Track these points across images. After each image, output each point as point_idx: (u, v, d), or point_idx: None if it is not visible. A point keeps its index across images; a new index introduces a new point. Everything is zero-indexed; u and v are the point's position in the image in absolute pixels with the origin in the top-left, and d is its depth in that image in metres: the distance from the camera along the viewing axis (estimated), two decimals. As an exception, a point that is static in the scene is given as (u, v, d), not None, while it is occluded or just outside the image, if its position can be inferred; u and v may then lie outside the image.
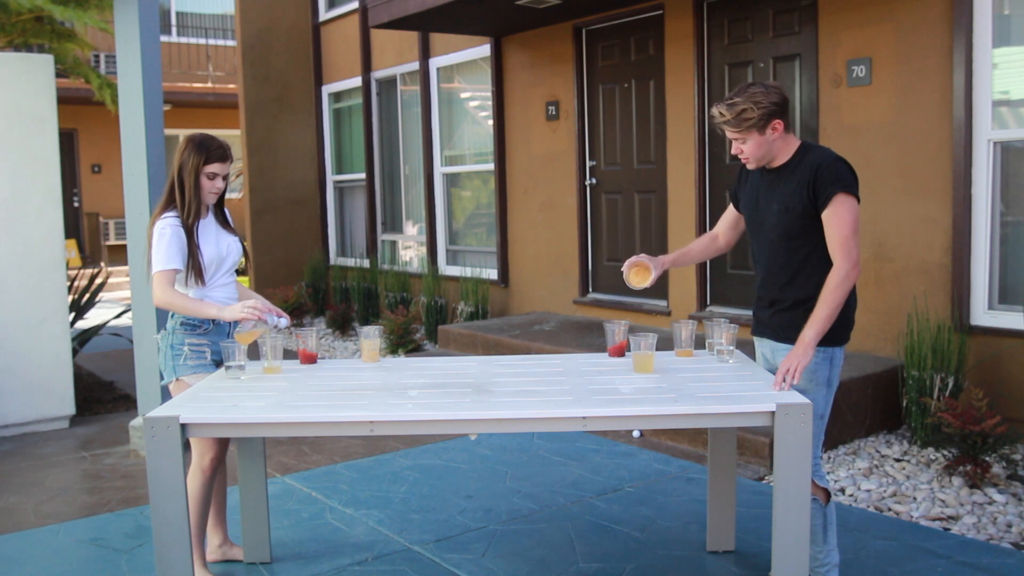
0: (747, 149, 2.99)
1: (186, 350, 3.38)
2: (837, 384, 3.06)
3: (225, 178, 3.43)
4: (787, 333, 3.02)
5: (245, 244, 3.66)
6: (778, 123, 2.95)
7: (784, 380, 2.83)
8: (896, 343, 5.36)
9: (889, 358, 5.39)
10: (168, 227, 3.31)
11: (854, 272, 2.86)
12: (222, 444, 3.45)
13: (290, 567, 3.61)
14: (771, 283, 3.10)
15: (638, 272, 3.28)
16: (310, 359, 3.52)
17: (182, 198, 3.35)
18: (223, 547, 3.67)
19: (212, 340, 3.44)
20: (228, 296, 3.50)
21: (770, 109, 2.92)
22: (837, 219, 2.88)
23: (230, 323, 3.48)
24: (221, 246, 3.46)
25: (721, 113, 2.97)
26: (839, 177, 2.89)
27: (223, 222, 3.54)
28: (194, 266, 3.34)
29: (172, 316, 3.40)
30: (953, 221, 5.13)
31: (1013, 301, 5.02)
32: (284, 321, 3.31)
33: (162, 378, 3.47)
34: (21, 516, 4.31)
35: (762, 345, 3.22)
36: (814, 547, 3.03)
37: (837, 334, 2.97)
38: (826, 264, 2.94)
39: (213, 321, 3.41)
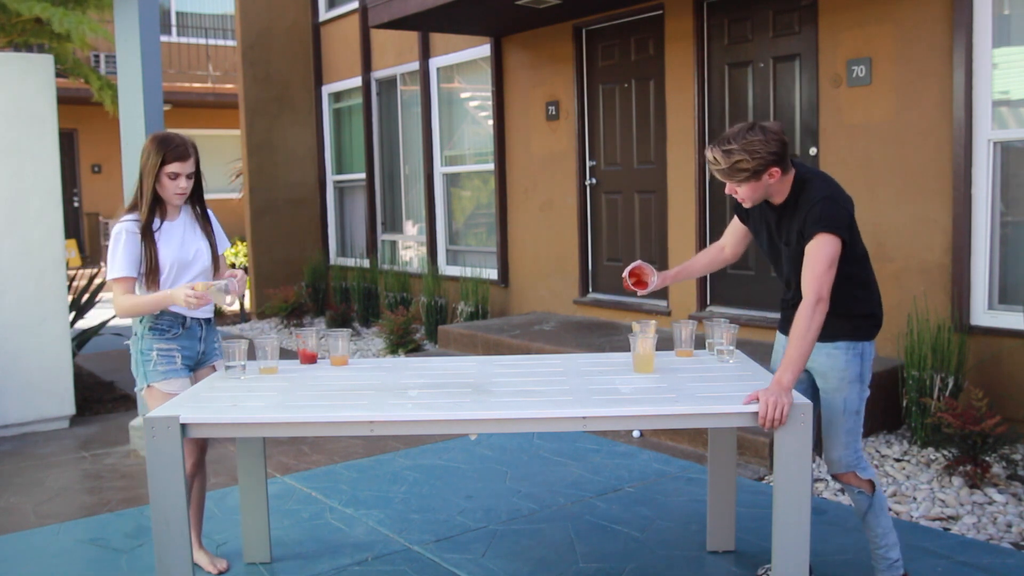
0: (742, 192, 2.94)
1: (155, 355, 3.31)
2: (870, 377, 3.04)
3: (189, 177, 3.31)
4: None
5: (232, 248, 3.59)
6: (775, 171, 2.88)
7: (768, 420, 2.64)
8: (896, 343, 5.35)
9: (889, 358, 5.39)
10: (123, 231, 3.23)
11: (821, 306, 2.80)
12: (200, 451, 3.43)
13: (290, 567, 3.61)
14: (797, 289, 3.05)
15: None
16: (310, 359, 3.52)
17: (140, 198, 3.28)
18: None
19: (183, 344, 3.36)
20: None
21: (767, 160, 2.84)
22: (812, 255, 2.84)
23: (202, 326, 3.43)
24: (187, 249, 3.35)
25: (716, 160, 2.88)
26: (820, 218, 2.84)
27: (203, 224, 3.44)
28: (148, 270, 3.25)
29: (141, 321, 3.32)
30: (953, 221, 5.13)
31: (1013, 301, 5.02)
32: (224, 283, 3.19)
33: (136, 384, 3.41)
34: (21, 516, 4.31)
35: (784, 342, 3.18)
36: (868, 532, 3.13)
37: (863, 330, 2.98)
38: (850, 277, 2.93)
39: (183, 325, 3.34)
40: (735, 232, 3.36)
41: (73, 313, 6.84)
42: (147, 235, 3.27)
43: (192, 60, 17.89)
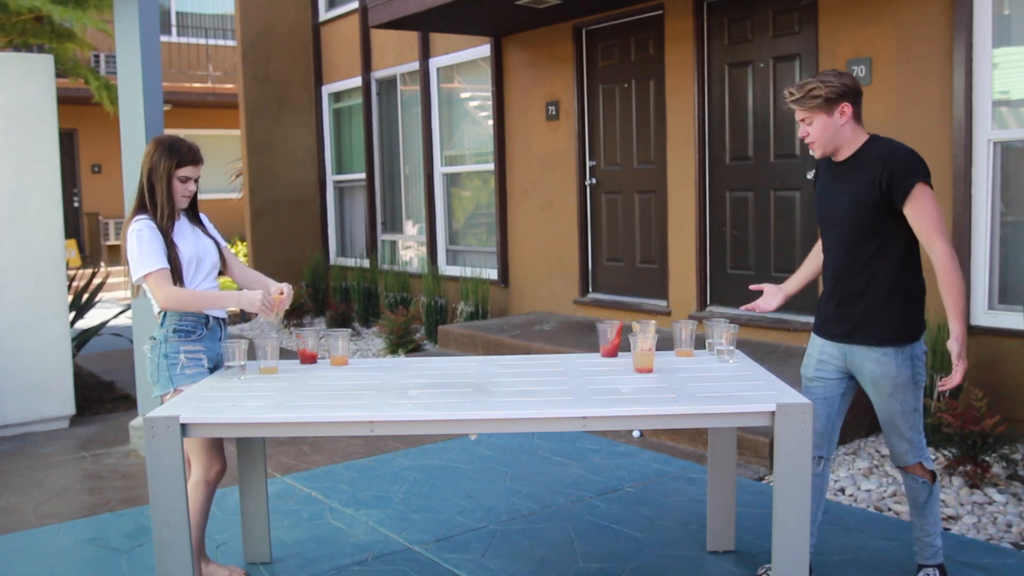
0: (813, 131, 2.97)
1: (182, 358, 3.26)
2: (924, 378, 3.06)
3: (196, 181, 3.35)
4: (859, 333, 3.00)
5: (224, 246, 3.58)
6: (847, 107, 2.93)
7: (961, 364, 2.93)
8: (896, 343, 5.35)
9: (889, 358, 5.38)
10: (144, 228, 3.22)
11: (951, 252, 2.87)
12: (223, 453, 3.42)
13: (290, 567, 3.61)
14: (841, 275, 3.05)
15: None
16: (310, 359, 3.51)
17: (153, 202, 3.26)
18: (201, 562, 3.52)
19: (207, 346, 3.33)
20: None
21: (840, 90, 2.90)
22: (922, 208, 2.87)
23: (221, 326, 3.43)
24: (199, 247, 3.37)
25: (791, 92, 2.97)
26: (915, 169, 2.87)
27: (198, 225, 3.45)
28: (172, 268, 3.25)
29: (162, 324, 3.28)
30: (953, 221, 5.13)
31: (1013, 301, 5.02)
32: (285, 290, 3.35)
33: (155, 389, 3.33)
34: (21, 516, 4.31)
35: (827, 347, 3.12)
36: (920, 520, 3.16)
37: (908, 331, 3.00)
38: (896, 261, 2.95)
39: (206, 325, 3.33)
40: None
41: (73, 313, 6.84)
42: (167, 236, 3.27)
43: (192, 60, 17.88)
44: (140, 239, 3.20)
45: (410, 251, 10.05)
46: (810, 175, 3.36)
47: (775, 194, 6.18)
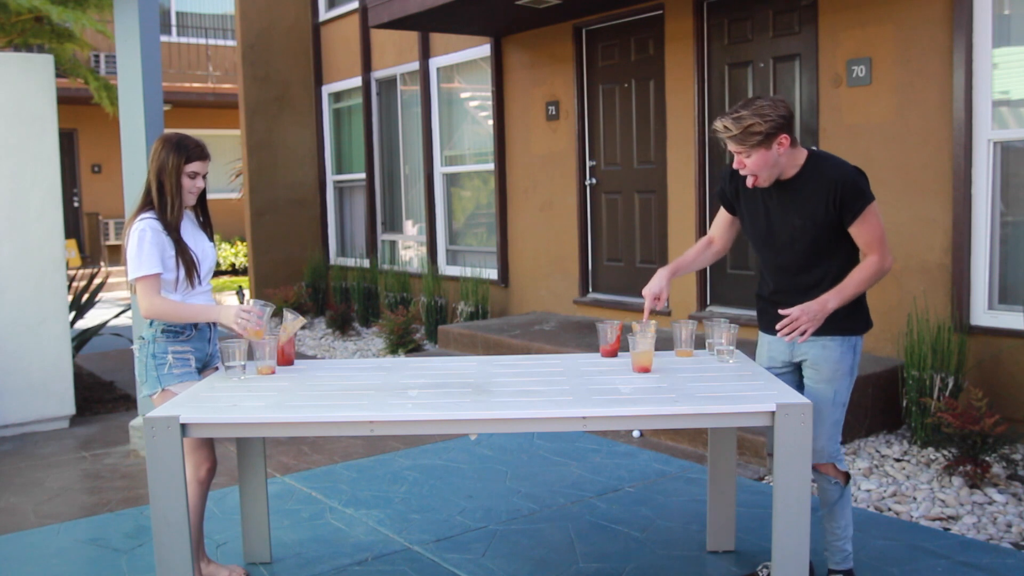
0: (750, 164, 2.94)
1: (170, 358, 3.26)
2: (857, 372, 3.12)
3: (205, 177, 3.35)
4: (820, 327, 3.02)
5: (232, 248, 3.60)
6: (784, 138, 2.90)
7: (792, 327, 2.93)
8: (896, 343, 5.36)
9: (889, 358, 5.39)
10: (148, 228, 3.20)
11: (887, 262, 2.95)
12: (214, 451, 3.42)
13: (290, 567, 3.61)
14: (788, 282, 3.10)
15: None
16: (286, 360, 3.48)
17: (161, 199, 3.24)
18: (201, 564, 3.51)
19: (195, 347, 3.34)
20: (207, 301, 3.40)
21: (777, 123, 2.87)
22: (870, 227, 2.95)
23: (211, 327, 3.42)
24: (199, 249, 3.36)
25: (726, 127, 2.90)
26: (863, 191, 2.93)
27: (201, 225, 3.45)
28: (186, 265, 3.24)
29: (151, 324, 3.27)
30: (953, 221, 5.13)
31: (1013, 301, 5.02)
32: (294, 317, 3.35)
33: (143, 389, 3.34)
34: (21, 516, 4.31)
35: (775, 343, 3.19)
36: (831, 523, 3.16)
37: (859, 324, 3.06)
38: (845, 263, 3.02)
39: (195, 326, 3.33)
40: (722, 223, 3.36)
41: (73, 313, 6.84)
42: (175, 233, 3.26)
43: (192, 60, 17.88)
44: (142, 240, 3.19)
45: (410, 251, 10.05)
46: (716, 189, 3.33)
47: (775, 194, 6.18)
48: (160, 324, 3.27)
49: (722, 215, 3.34)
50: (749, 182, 3.02)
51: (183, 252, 3.25)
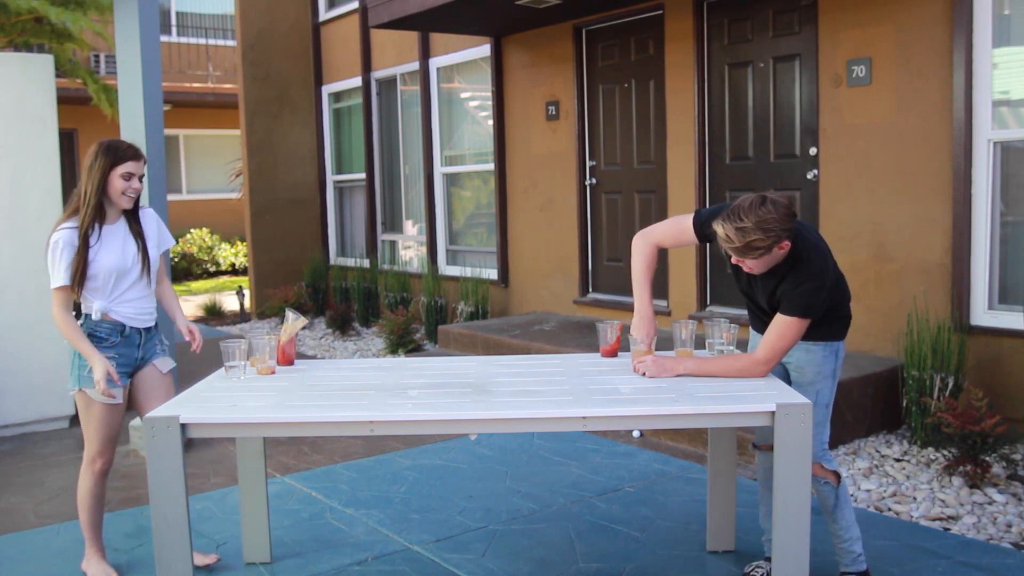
0: (750, 265, 2.94)
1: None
2: (840, 374, 3.17)
3: (141, 178, 3.34)
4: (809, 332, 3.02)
5: (162, 253, 3.54)
6: (785, 243, 2.88)
7: (636, 368, 3.11)
8: (896, 343, 5.36)
9: (889, 358, 5.39)
10: (60, 239, 3.22)
11: (760, 369, 2.99)
12: (114, 449, 3.41)
13: (290, 567, 3.61)
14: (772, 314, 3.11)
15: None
16: (288, 360, 3.49)
17: (81, 203, 3.26)
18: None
19: (120, 352, 3.38)
20: (139, 311, 3.42)
21: (780, 236, 2.84)
22: (780, 330, 2.95)
23: (141, 334, 3.44)
24: (126, 257, 3.35)
25: (729, 238, 2.84)
26: (801, 306, 2.91)
27: (137, 231, 3.41)
28: (80, 278, 3.26)
29: (83, 324, 3.35)
30: (953, 221, 5.13)
31: (1013, 301, 5.02)
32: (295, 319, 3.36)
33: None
34: (21, 516, 4.31)
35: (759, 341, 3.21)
36: (833, 525, 3.18)
37: (838, 330, 3.12)
38: (830, 317, 3.05)
39: (121, 333, 3.37)
40: (680, 239, 3.37)
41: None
42: (83, 242, 3.25)
43: (192, 60, 17.88)
44: (53, 252, 3.24)
45: (410, 251, 10.05)
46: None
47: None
48: (87, 329, 3.34)
49: (687, 234, 3.28)
50: (749, 270, 3.01)
51: (78, 265, 3.25)
